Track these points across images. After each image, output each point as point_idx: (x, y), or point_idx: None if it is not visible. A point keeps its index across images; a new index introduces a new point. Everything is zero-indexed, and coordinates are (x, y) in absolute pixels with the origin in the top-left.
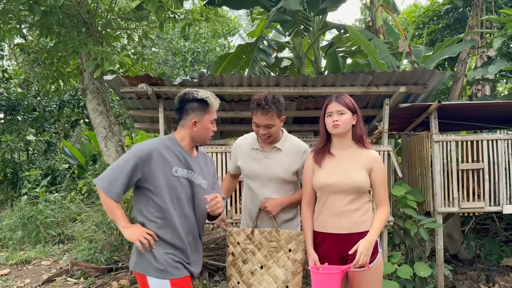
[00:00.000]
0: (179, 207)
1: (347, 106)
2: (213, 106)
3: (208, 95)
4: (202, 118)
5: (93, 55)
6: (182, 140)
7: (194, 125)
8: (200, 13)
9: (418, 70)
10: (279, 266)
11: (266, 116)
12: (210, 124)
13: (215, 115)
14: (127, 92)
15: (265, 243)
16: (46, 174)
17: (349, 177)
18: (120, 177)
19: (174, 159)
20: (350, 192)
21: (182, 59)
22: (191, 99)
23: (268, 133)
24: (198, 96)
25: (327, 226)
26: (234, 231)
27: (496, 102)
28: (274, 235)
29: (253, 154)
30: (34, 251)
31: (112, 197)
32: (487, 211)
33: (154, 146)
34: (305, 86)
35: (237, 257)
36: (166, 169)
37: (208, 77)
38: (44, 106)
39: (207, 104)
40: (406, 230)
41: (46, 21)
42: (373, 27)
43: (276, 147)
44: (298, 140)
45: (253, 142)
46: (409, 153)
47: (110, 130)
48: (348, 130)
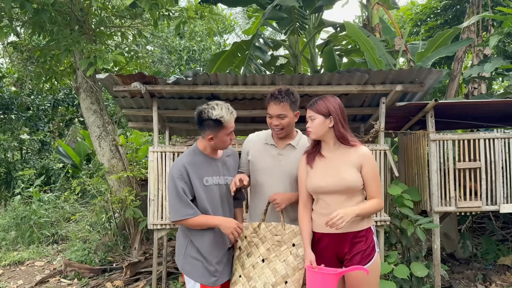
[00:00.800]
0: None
1: (317, 111)
2: (228, 123)
3: (222, 115)
4: (217, 134)
5: (86, 53)
6: (204, 149)
7: (211, 139)
8: (195, 11)
9: (415, 68)
10: (281, 260)
11: (279, 106)
12: (226, 136)
13: (231, 127)
14: (120, 91)
15: (270, 237)
16: (40, 173)
17: (340, 177)
18: (182, 198)
19: (202, 169)
20: (342, 192)
21: (178, 57)
22: (207, 118)
23: (281, 124)
24: (213, 116)
25: (323, 226)
26: (244, 226)
27: (493, 101)
28: (279, 229)
29: (267, 150)
30: (27, 252)
31: (192, 217)
32: (484, 210)
33: (182, 164)
34: (301, 84)
35: (243, 250)
36: (199, 181)
37: (202, 75)
38: (38, 104)
39: (221, 123)
40: (402, 230)
41: (38, 19)
42: (369, 25)
43: (291, 144)
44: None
45: (267, 137)
46: (405, 152)
47: (104, 129)
48: (325, 133)
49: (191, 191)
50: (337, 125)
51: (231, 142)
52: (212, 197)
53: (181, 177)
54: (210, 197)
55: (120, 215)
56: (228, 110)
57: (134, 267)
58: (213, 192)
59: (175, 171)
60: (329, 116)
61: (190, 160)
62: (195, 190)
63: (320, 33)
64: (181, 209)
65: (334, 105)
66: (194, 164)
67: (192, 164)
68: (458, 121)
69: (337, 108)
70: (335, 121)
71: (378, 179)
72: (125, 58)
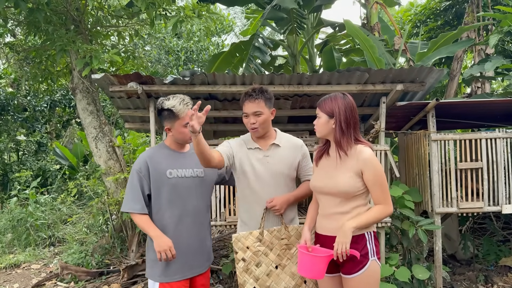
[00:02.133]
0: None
1: (322, 110)
2: (181, 112)
3: (174, 104)
4: (173, 125)
5: (81, 53)
6: (170, 144)
7: (169, 130)
8: (192, 10)
9: (416, 67)
10: (294, 263)
11: (254, 103)
12: (183, 128)
13: (188, 118)
14: (117, 91)
15: (276, 242)
16: (37, 175)
17: (335, 181)
18: (135, 192)
19: (165, 162)
20: (336, 195)
21: (175, 58)
22: (160, 108)
23: (257, 122)
24: (165, 106)
25: (319, 227)
26: (242, 236)
27: (494, 100)
28: (284, 232)
29: (252, 154)
30: (23, 255)
31: (138, 211)
32: (486, 211)
33: (144, 158)
34: (300, 84)
35: (249, 261)
36: (161, 174)
37: (200, 75)
38: (34, 105)
39: (173, 112)
40: (403, 231)
41: (33, 19)
42: (368, 25)
43: (275, 143)
44: (292, 137)
45: (248, 142)
46: (406, 152)
47: (101, 130)
48: (328, 133)
49: (148, 185)
50: (335, 128)
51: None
52: (177, 189)
53: (139, 170)
54: (175, 190)
55: (117, 217)
56: (182, 101)
57: (131, 270)
58: (178, 184)
59: (136, 164)
60: (333, 117)
61: (153, 154)
62: (154, 184)
63: (318, 33)
64: (129, 202)
65: (340, 106)
66: (157, 158)
67: (154, 158)
68: (459, 120)
69: (342, 110)
70: (335, 124)
71: (382, 183)
72: (122, 58)
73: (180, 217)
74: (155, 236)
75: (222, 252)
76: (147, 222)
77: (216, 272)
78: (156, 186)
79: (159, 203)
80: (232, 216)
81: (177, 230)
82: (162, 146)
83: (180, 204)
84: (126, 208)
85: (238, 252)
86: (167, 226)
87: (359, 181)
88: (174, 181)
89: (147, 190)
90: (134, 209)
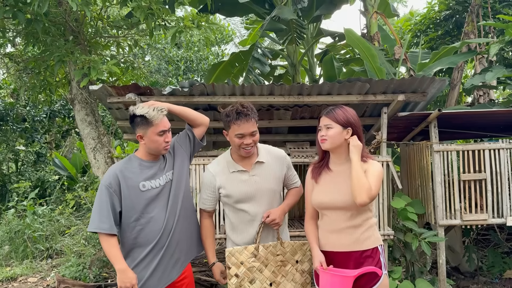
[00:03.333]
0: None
1: (336, 120)
2: (155, 119)
3: (147, 111)
4: (146, 132)
5: (79, 64)
6: (142, 155)
7: (141, 138)
8: (192, 20)
9: (417, 77)
10: (289, 280)
11: (250, 123)
12: (156, 136)
13: (162, 126)
14: (115, 103)
15: (272, 258)
16: (36, 186)
17: (345, 193)
18: (104, 209)
19: (137, 175)
20: (348, 209)
21: (175, 67)
22: (132, 115)
23: (253, 141)
24: (137, 112)
25: (326, 243)
26: (236, 250)
27: (498, 110)
28: (279, 248)
29: (237, 177)
30: (20, 267)
31: (106, 231)
32: (491, 223)
33: (114, 171)
34: (300, 94)
35: (243, 278)
36: (134, 189)
37: (199, 86)
38: (33, 116)
39: (146, 118)
40: (406, 244)
41: (32, 29)
42: (368, 34)
43: (258, 161)
44: (272, 148)
45: (230, 165)
46: (408, 163)
47: (99, 141)
48: (339, 145)
49: (119, 201)
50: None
51: (166, 145)
52: (154, 201)
53: (109, 186)
54: (152, 202)
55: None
56: (156, 108)
57: None
58: (154, 195)
59: (105, 178)
60: (347, 127)
61: (123, 167)
62: (127, 199)
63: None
64: (95, 220)
65: (354, 116)
66: (128, 171)
67: (124, 172)
68: (461, 131)
69: (357, 120)
70: (356, 134)
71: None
72: (121, 68)
73: (163, 231)
74: (119, 270)
75: None
76: (113, 249)
77: (216, 285)
78: (128, 202)
79: (132, 220)
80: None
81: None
82: (133, 158)
83: (159, 217)
84: (91, 227)
85: (231, 268)
86: (143, 245)
87: None
88: (149, 194)
89: (119, 207)
90: (101, 228)
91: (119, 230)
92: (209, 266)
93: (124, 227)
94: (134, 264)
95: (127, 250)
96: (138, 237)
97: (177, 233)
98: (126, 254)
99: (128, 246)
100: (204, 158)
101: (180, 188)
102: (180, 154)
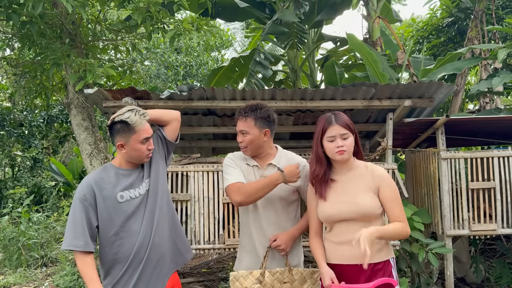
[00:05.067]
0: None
1: (349, 128)
2: (137, 124)
3: (129, 115)
4: (128, 140)
5: (75, 67)
6: (120, 165)
7: (122, 147)
8: (191, 23)
9: (424, 82)
10: None
11: (241, 121)
12: (139, 144)
13: (146, 133)
14: (111, 107)
15: (278, 286)
16: (32, 192)
17: (355, 203)
18: (78, 225)
19: (114, 186)
20: (358, 219)
21: (175, 72)
22: (113, 122)
23: (243, 141)
24: (117, 118)
25: (335, 256)
26: (241, 275)
27: (506, 117)
28: (287, 275)
29: (251, 171)
30: (14, 276)
31: (81, 249)
32: (500, 233)
33: (88, 182)
34: (302, 99)
35: None
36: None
37: (198, 90)
38: (31, 121)
39: (128, 124)
40: (412, 254)
41: (27, 32)
42: (370, 39)
43: (272, 163)
44: (294, 155)
45: (248, 159)
46: (413, 170)
47: (96, 146)
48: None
49: (95, 215)
50: (358, 145)
51: (149, 153)
52: (135, 213)
53: (83, 198)
54: (132, 214)
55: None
56: (138, 112)
57: None
58: (134, 207)
59: (79, 191)
60: (354, 133)
61: (99, 177)
62: (103, 213)
63: (319, 48)
64: (68, 237)
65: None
66: (103, 181)
67: (100, 182)
68: (468, 138)
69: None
70: (356, 141)
71: (400, 201)
72: (119, 72)
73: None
74: None
75: (220, 274)
76: (88, 268)
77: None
78: (105, 216)
79: (110, 234)
80: (231, 239)
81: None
82: (109, 167)
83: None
84: (65, 245)
85: None
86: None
87: (378, 200)
88: (128, 205)
89: (95, 221)
90: (75, 246)
91: (96, 246)
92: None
93: (102, 242)
94: (114, 282)
95: (107, 267)
96: (119, 252)
97: (156, 244)
98: (107, 272)
99: (108, 263)
100: (204, 164)
101: (156, 195)
102: (155, 159)
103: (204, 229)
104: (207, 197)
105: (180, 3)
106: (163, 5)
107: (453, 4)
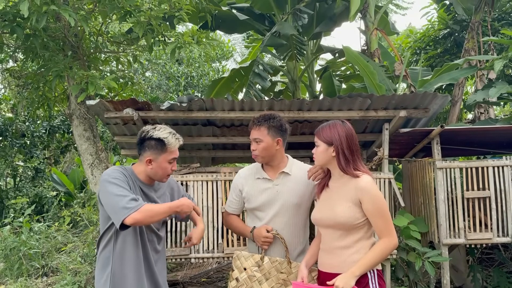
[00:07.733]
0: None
1: (320, 138)
2: (172, 146)
3: (166, 136)
4: (158, 157)
5: (77, 79)
6: (139, 174)
7: (149, 163)
8: (192, 36)
9: (419, 93)
10: None
11: (255, 130)
12: (167, 163)
13: (175, 154)
14: (112, 118)
15: (274, 274)
16: (33, 201)
17: (332, 212)
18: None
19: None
20: (336, 227)
21: (176, 83)
22: (149, 137)
23: (257, 149)
24: (154, 135)
25: (320, 263)
26: (243, 255)
27: (501, 127)
28: (285, 266)
29: (260, 185)
30: (15, 285)
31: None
32: (495, 242)
33: (120, 170)
34: (300, 110)
35: (242, 283)
36: None
37: (198, 101)
38: (33, 131)
39: (164, 144)
40: (409, 263)
41: (30, 44)
42: (368, 51)
43: (284, 172)
44: (304, 164)
45: (258, 171)
46: (410, 180)
47: (97, 157)
48: (328, 162)
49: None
50: (338, 156)
51: (170, 173)
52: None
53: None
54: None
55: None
56: (174, 134)
57: None
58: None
59: (112, 173)
60: (332, 145)
61: (127, 175)
62: None
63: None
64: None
65: (340, 133)
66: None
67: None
68: (463, 147)
69: (343, 137)
70: (336, 152)
71: (383, 213)
72: (120, 84)
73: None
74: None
75: (220, 284)
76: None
77: None
78: None
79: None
80: (230, 248)
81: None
82: (132, 173)
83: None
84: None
85: (235, 270)
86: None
87: (359, 211)
88: None
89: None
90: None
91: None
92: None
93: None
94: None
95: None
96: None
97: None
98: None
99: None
100: (203, 174)
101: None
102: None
103: (203, 238)
104: (206, 206)
105: (180, 16)
106: (164, 18)
107: (449, 16)
